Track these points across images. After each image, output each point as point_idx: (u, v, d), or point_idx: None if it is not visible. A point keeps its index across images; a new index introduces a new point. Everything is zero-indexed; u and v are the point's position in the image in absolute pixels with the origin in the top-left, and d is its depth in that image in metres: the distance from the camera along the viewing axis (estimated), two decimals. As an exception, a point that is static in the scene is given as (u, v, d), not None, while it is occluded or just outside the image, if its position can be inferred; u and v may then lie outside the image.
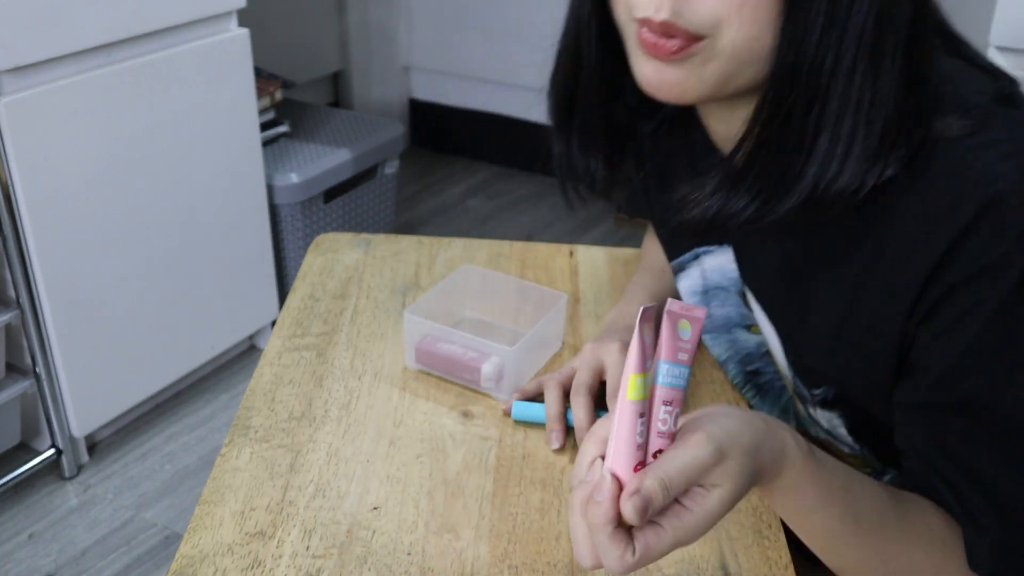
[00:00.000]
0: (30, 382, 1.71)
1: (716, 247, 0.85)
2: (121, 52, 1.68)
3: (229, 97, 1.89)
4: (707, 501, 0.56)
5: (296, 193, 2.16)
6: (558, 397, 0.85)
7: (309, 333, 1.00)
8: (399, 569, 0.72)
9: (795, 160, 0.65)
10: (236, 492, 0.80)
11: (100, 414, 1.82)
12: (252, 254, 2.05)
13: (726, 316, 0.87)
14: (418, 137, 3.33)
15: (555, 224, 2.85)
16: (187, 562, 0.73)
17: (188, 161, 1.84)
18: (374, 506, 0.78)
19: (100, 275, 1.73)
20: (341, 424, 0.87)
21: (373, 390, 0.92)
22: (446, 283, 0.98)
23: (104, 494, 1.79)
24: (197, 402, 2.03)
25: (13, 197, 1.56)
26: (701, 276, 0.87)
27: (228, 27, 1.88)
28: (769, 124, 0.65)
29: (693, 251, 0.88)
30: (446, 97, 3.22)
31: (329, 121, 2.45)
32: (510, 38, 2.97)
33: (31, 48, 1.53)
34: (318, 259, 1.13)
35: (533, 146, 2.46)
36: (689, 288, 0.89)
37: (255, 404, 0.90)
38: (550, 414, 0.85)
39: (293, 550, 0.74)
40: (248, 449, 0.84)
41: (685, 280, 0.89)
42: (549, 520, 0.77)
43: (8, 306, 1.65)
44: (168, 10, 1.72)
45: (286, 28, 2.87)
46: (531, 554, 0.74)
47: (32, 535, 1.69)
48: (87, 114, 1.63)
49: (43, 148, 1.58)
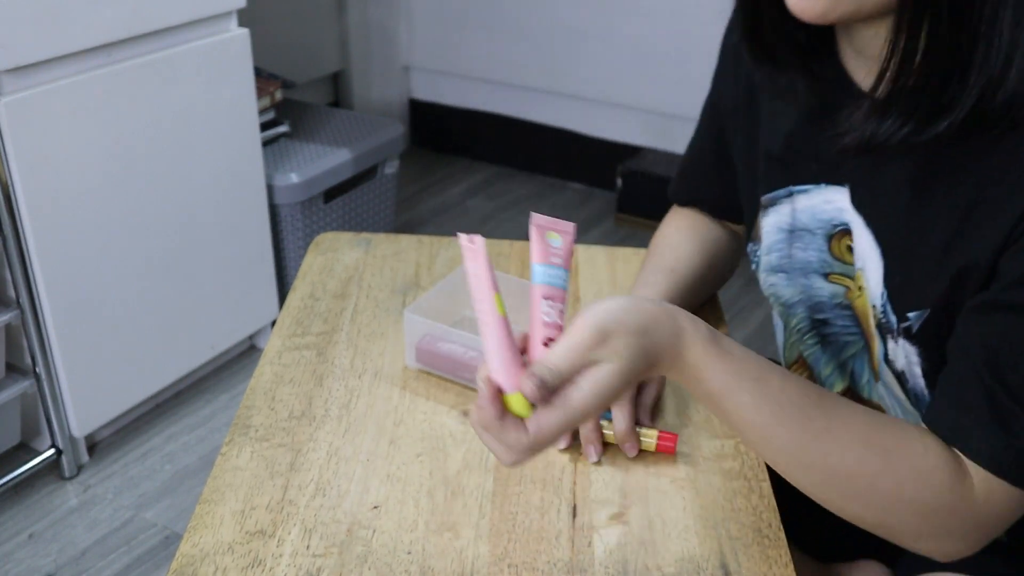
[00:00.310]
0: (30, 382, 1.71)
1: (812, 186, 0.84)
2: (121, 52, 1.68)
3: (229, 97, 1.89)
4: (595, 375, 0.62)
5: (296, 193, 2.16)
6: None
7: (309, 332, 1.00)
8: (399, 568, 0.72)
9: (951, 74, 0.66)
10: (236, 491, 0.80)
11: (100, 414, 1.82)
12: (252, 254, 2.05)
13: (806, 260, 0.87)
14: (418, 137, 3.33)
15: (555, 224, 2.84)
16: (187, 561, 0.73)
17: (188, 161, 1.84)
18: (374, 505, 0.78)
19: (100, 275, 1.73)
20: (341, 423, 0.87)
21: (373, 389, 0.92)
22: (447, 282, 0.98)
23: (104, 494, 1.79)
24: (197, 402, 2.03)
25: (13, 197, 1.56)
26: (791, 214, 0.87)
27: (228, 27, 1.88)
28: (915, 38, 0.65)
29: (787, 188, 0.87)
30: (446, 97, 3.22)
31: (329, 121, 2.45)
32: (510, 38, 2.97)
33: (31, 48, 1.53)
34: (318, 259, 1.13)
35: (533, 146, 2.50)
36: (775, 225, 0.88)
37: (255, 403, 0.90)
38: None
39: (293, 549, 0.74)
40: (248, 448, 0.84)
41: (774, 216, 0.88)
42: (549, 519, 0.77)
43: (8, 306, 1.65)
44: (168, 10, 1.72)
45: (286, 28, 2.87)
46: (531, 553, 0.74)
47: (32, 535, 1.69)
48: (87, 114, 1.63)
49: (43, 148, 1.58)
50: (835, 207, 0.83)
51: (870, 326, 0.83)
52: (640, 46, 2.76)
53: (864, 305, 0.83)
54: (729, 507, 0.79)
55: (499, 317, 0.62)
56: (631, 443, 0.83)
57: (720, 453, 0.84)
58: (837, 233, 0.84)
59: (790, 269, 0.88)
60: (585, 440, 0.83)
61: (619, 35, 2.78)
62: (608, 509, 0.78)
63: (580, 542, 0.75)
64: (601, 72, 2.86)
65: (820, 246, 0.85)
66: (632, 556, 0.74)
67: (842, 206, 0.82)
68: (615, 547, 0.75)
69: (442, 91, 3.22)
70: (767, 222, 0.89)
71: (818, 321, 0.89)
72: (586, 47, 2.85)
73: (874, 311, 0.81)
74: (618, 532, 0.76)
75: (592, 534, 0.76)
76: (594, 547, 0.75)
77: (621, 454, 0.84)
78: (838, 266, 0.85)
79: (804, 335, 0.91)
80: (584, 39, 2.84)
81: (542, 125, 3.07)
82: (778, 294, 0.91)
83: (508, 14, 2.94)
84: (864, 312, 0.83)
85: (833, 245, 0.84)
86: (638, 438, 0.83)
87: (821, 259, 0.86)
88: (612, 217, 2.86)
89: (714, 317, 1.03)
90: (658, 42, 2.73)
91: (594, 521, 0.77)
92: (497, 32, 2.98)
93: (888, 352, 0.81)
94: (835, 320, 0.88)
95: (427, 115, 3.28)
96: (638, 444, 0.83)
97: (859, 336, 0.86)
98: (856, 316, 0.85)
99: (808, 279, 0.87)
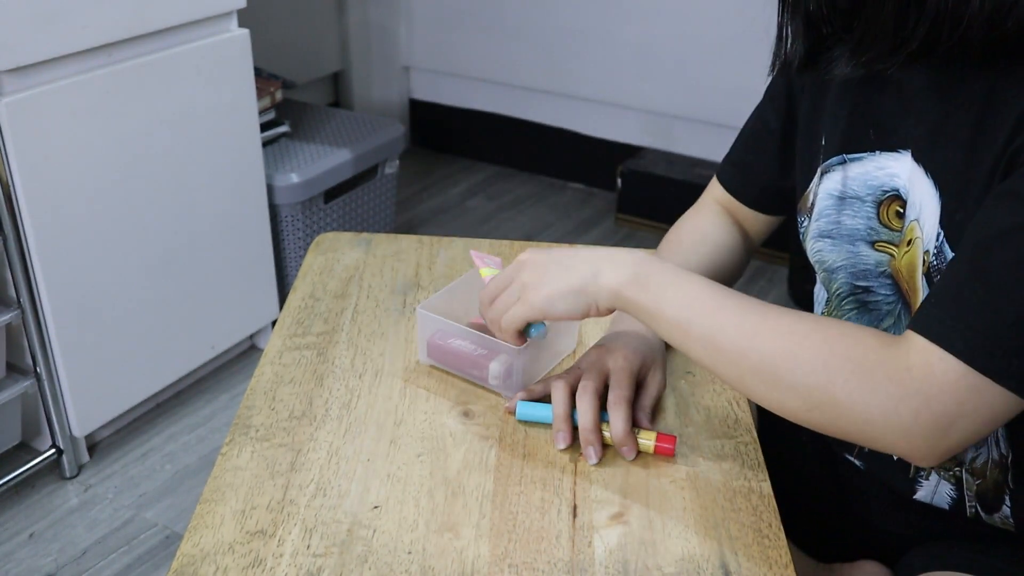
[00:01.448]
0: (30, 382, 1.71)
1: (868, 154, 0.86)
2: (121, 52, 1.68)
3: (229, 97, 1.89)
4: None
5: (296, 193, 2.16)
6: (565, 398, 0.86)
7: (310, 332, 1.00)
8: (399, 568, 0.73)
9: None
10: (237, 491, 0.80)
11: (100, 414, 1.82)
12: (252, 254, 2.05)
13: (853, 228, 0.88)
14: (418, 137, 3.33)
15: (555, 224, 2.85)
16: (188, 560, 0.73)
17: (188, 161, 1.84)
18: (375, 505, 0.78)
19: (100, 275, 1.73)
20: (342, 423, 0.87)
21: (374, 389, 0.92)
22: (461, 281, 0.99)
23: (104, 494, 1.79)
24: (197, 402, 2.03)
25: (13, 197, 1.56)
26: (842, 181, 0.88)
27: (228, 27, 1.88)
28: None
29: (841, 155, 0.88)
30: (446, 97, 3.23)
31: (329, 121, 2.45)
32: (510, 38, 2.97)
33: (31, 48, 1.53)
34: (318, 259, 1.13)
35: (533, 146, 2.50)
36: (827, 191, 0.89)
37: (256, 403, 0.90)
38: (557, 414, 0.85)
39: (294, 549, 0.74)
40: (249, 448, 0.84)
41: (827, 183, 0.90)
42: (549, 519, 0.77)
43: (8, 306, 1.65)
44: (168, 10, 1.72)
45: (286, 28, 2.87)
46: (531, 553, 0.74)
47: (32, 535, 1.70)
48: (87, 114, 1.63)
49: (43, 148, 1.58)
50: (887, 173, 0.84)
51: (915, 281, 0.83)
52: (640, 46, 2.76)
53: (911, 261, 0.83)
54: (729, 507, 0.79)
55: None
56: (628, 446, 0.83)
57: (720, 454, 0.84)
58: (886, 199, 0.85)
59: (837, 235, 0.89)
60: (584, 442, 0.83)
61: (619, 35, 2.78)
62: (608, 509, 0.78)
63: (580, 542, 0.75)
64: (601, 72, 2.86)
65: (869, 213, 0.86)
66: (632, 556, 0.74)
67: (894, 171, 0.83)
68: (615, 547, 0.75)
69: (442, 91, 3.23)
70: (822, 189, 0.90)
71: (859, 288, 0.90)
72: (586, 47, 2.85)
73: (925, 257, 0.80)
74: (618, 532, 0.76)
75: (592, 534, 0.76)
76: (594, 547, 0.75)
77: (622, 457, 0.84)
78: (884, 233, 0.86)
79: (843, 300, 0.92)
80: (584, 39, 2.84)
81: (542, 125, 3.07)
82: (823, 259, 0.92)
83: (508, 14, 2.94)
84: (910, 270, 0.83)
85: (881, 211, 0.85)
86: (636, 441, 0.83)
87: (868, 226, 0.87)
88: (612, 217, 2.86)
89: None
90: (658, 42, 2.73)
91: (594, 521, 0.77)
92: (497, 32, 2.99)
93: None
94: (877, 289, 0.88)
95: (427, 115, 3.28)
96: (636, 447, 0.83)
97: (897, 304, 0.87)
98: (897, 285, 0.86)
99: (855, 246, 0.89)
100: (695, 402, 0.91)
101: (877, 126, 0.85)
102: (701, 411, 0.90)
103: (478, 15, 3.00)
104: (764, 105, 1.01)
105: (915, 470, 0.90)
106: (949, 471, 0.88)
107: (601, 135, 2.97)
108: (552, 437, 0.85)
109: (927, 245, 0.80)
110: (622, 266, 0.80)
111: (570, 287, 0.80)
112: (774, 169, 1.00)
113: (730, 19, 2.58)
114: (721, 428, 0.87)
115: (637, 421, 0.86)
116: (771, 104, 0.99)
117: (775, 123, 0.99)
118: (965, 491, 0.87)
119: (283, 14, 2.84)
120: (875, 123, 0.85)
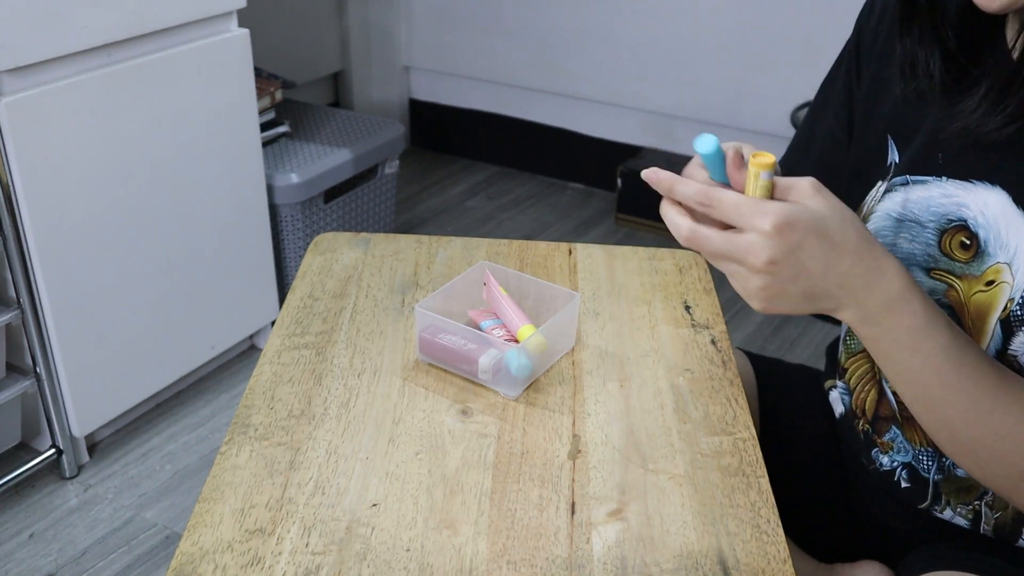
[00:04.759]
0: (30, 382, 1.71)
1: (932, 178, 0.83)
2: (121, 52, 1.68)
3: (229, 97, 1.89)
4: (748, 236, 0.67)
5: (296, 193, 2.17)
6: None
7: (309, 332, 1.00)
8: (398, 565, 0.73)
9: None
10: (236, 490, 0.80)
11: (100, 414, 1.82)
12: (252, 254, 2.05)
13: (910, 252, 0.85)
14: (418, 137, 3.33)
15: (555, 224, 2.85)
16: (187, 559, 0.73)
17: (188, 161, 1.84)
18: (373, 503, 0.78)
19: (100, 275, 1.73)
20: (340, 422, 0.87)
21: (372, 388, 0.92)
22: (461, 279, 0.99)
23: (104, 494, 1.79)
24: (197, 402, 2.04)
25: (13, 197, 1.56)
26: (903, 204, 0.85)
27: (228, 27, 1.88)
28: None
29: (904, 176, 0.85)
30: (446, 97, 3.23)
31: (329, 121, 2.45)
32: (510, 38, 2.97)
33: (31, 48, 1.53)
34: (317, 258, 1.14)
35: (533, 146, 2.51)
36: (885, 211, 0.87)
37: (255, 402, 0.90)
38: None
39: (293, 547, 0.74)
40: (248, 447, 0.84)
41: (887, 202, 0.87)
42: (548, 516, 0.77)
43: (8, 306, 1.65)
44: (168, 10, 1.72)
45: (286, 28, 2.88)
46: (529, 550, 0.74)
47: (32, 535, 1.70)
48: (87, 114, 1.64)
49: (43, 148, 1.58)
50: (953, 202, 0.81)
51: (985, 323, 0.80)
52: (640, 46, 2.76)
53: (988, 301, 0.80)
54: (727, 503, 0.79)
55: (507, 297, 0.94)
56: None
57: (718, 450, 0.85)
58: (951, 229, 0.82)
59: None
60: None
61: (619, 35, 2.79)
62: (606, 506, 0.78)
63: (579, 539, 0.75)
64: (601, 72, 2.86)
65: (929, 240, 0.84)
66: (630, 552, 0.74)
67: (962, 201, 0.81)
68: (613, 544, 0.75)
69: (442, 91, 3.23)
70: (880, 208, 0.88)
71: None
72: (586, 47, 2.85)
73: (1009, 305, 0.78)
74: (616, 529, 0.76)
75: (591, 531, 0.76)
76: (592, 544, 0.75)
77: (620, 454, 0.84)
78: (944, 262, 0.83)
79: None
80: (584, 39, 2.84)
81: (542, 125, 3.07)
82: None
83: (508, 14, 2.94)
84: (981, 310, 0.81)
85: (944, 240, 0.83)
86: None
87: (927, 253, 0.84)
88: (612, 217, 2.86)
89: (714, 316, 1.03)
90: (658, 42, 2.73)
91: (592, 518, 0.77)
92: (497, 32, 2.99)
93: (1011, 346, 0.79)
94: None
95: (427, 115, 3.28)
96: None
97: None
98: (955, 314, 0.83)
99: (910, 271, 0.87)
100: (693, 399, 0.91)
101: (947, 151, 0.82)
102: (699, 407, 0.90)
103: (478, 15, 3.00)
104: (825, 111, 0.98)
105: (931, 502, 0.89)
106: (968, 505, 0.87)
107: (601, 135, 2.97)
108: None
109: (1015, 293, 0.78)
110: (868, 312, 0.70)
111: (800, 311, 0.71)
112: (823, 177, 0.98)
113: (730, 19, 2.59)
114: (719, 425, 0.88)
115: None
116: (832, 112, 0.96)
117: (840, 132, 0.96)
118: (983, 524, 0.87)
119: (283, 14, 2.84)
120: (944, 147, 0.82)
